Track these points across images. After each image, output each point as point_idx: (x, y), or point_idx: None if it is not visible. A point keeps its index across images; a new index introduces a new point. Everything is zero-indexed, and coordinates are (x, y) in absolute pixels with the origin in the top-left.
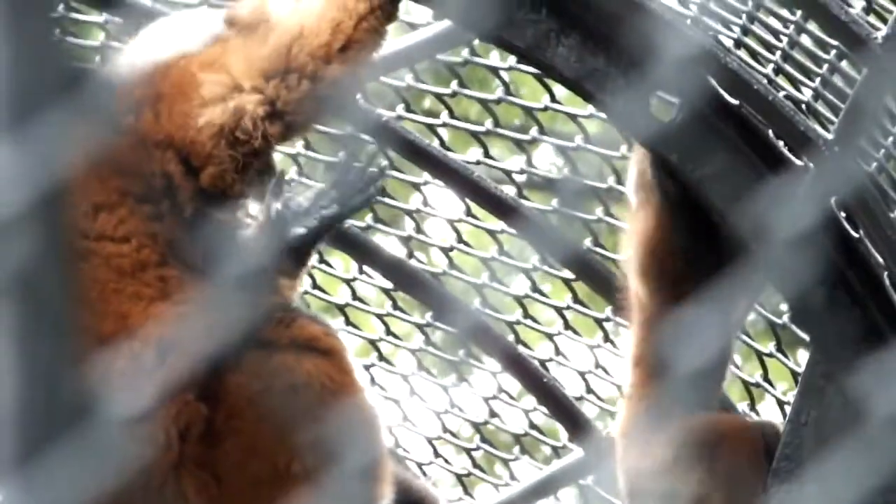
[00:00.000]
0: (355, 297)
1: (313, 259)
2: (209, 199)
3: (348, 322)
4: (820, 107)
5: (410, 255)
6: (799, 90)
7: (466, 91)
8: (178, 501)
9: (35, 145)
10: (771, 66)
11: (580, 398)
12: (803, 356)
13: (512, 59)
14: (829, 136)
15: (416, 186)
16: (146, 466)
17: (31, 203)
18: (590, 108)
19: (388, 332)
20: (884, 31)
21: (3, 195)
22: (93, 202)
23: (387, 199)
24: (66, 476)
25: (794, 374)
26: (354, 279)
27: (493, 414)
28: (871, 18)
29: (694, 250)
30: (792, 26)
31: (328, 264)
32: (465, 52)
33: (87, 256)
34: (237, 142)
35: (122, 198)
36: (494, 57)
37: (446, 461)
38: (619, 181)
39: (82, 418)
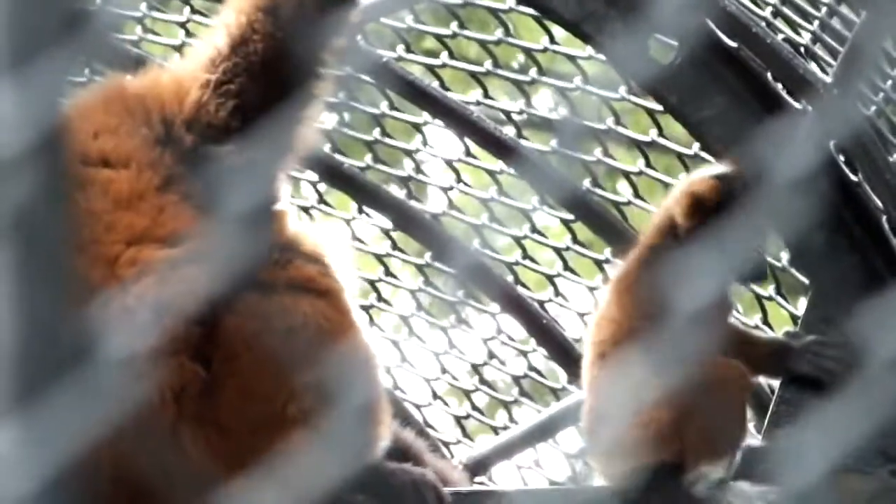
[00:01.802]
0: (354, 237)
1: (313, 198)
2: (204, 132)
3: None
4: (819, 50)
5: (410, 196)
6: (798, 33)
7: (466, 32)
8: (178, 456)
9: (35, 87)
10: (769, 8)
11: (580, 340)
12: (803, 302)
13: (511, 1)
14: (828, 80)
15: (416, 127)
16: (143, 424)
17: (31, 145)
18: (589, 50)
19: (387, 272)
20: None
21: (3, 136)
22: (94, 126)
23: (386, 139)
24: (65, 418)
25: (794, 318)
26: (353, 219)
27: (491, 356)
28: None
29: None
30: None
31: (327, 204)
32: None
33: (84, 185)
34: (210, 62)
35: (123, 122)
36: None
37: (445, 403)
38: (619, 122)
39: (80, 360)
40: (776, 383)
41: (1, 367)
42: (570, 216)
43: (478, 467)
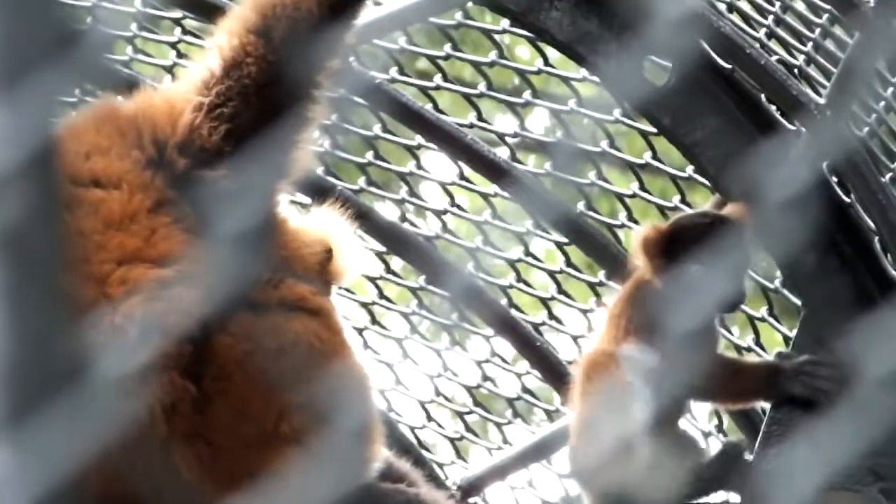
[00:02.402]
0: None
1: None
2: (196, 156)
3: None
4: (812, 71)
5: (404, 219)
6: (791, 54)
7: (460, 54)
8: (169, 473)
9: (26, 106)
10: (764, 30)
11: (573, 362)
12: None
13: (505, 22)
14: (821, 101)
15: (410, 149)
16: (134, 441)
17: (22, 164)
18: (583, 72)
19: (381, 295)
20: None
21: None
22: (85, 146)
23: (380, 162)
24: (57, 437)
25: (787, 339)
26: None
27: (485, 378)
28: None
29: None
30: None
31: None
32: (458, 15)
33: (75, 205)
34: (203, 84)
35: (114, 143)
36: (488, 20)
37: (439, 425)
38: (613, 145)
39: (72, 379)
40: (767, 404)
41: None
42: (565, 239)
43: (471, 488)
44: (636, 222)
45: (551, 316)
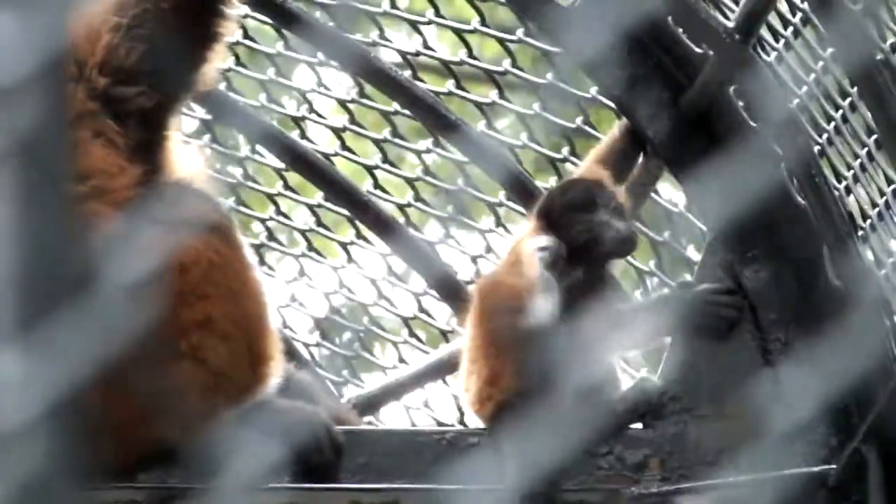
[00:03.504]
0: (247, 176)
1: (206, 138)
2: (115, 74)
3: (240, 202)
4: None
5: (302, 136)
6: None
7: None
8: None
9: (39, 14)
10: None
11: (471, 282)
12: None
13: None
14: (730, 24)
15: (311, 66)
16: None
17: (34, 71)
18: None
19: (279, 211)
20: None
21: (9, 62)
22: None
23: (281, 79)
24: (68, 344)
25: (690, 263)
26: (246, 158)
27: (381, 296)
28: None
29: None
30: None
31: (219, 143)
32: None
33: None
34: (119, 6)
35: None
36: None
37: (333, 343)
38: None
39: (84, 285)
40: None
41: (4, 293)
42: (466, 158)
43: (366, 407)
44: (539, 143)
45: (449, 235)
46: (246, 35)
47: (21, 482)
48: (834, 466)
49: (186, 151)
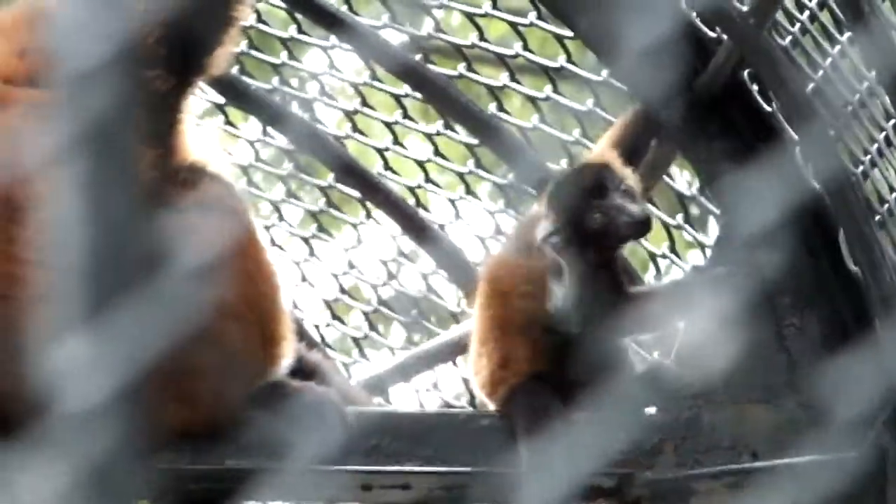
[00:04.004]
0: (258, 158)
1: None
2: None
3: (250, 182)
4: None
5: (313, 118)
6: None
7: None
8: None
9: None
10: None
11: (479, 264)
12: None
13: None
14: (744, 8)
15: (325, 50)
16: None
17: (111, 55)
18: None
19: (289, 193)
20: None
21: (84, 47)
22: (19, 45)
23: (294, 63)
24: (134, 328)
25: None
26: (258, 140)
27: (391, 276)
28: None
29: None
30: None
31: (233, 125)
32: None
33: (9, 105)
34: None
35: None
36: None
37: (343, 323)
38: (526, 48)
39: (154, 271)
40: None
41: (74, 280)
42: (474, 140)
43: (374, 388)
44: (549, 125)
45: (458, 216)
46: (259, 19)
47: (90, 464)
48: (855, 454)
49: (200, 134)
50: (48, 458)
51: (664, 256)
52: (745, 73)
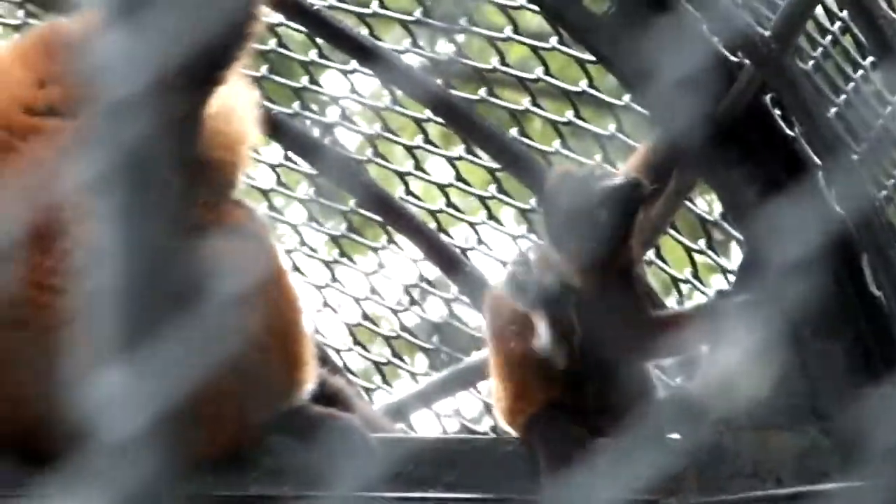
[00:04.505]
0: (279, 182)
1: None
2: None
3: (271, 207)
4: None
5: (334, 143)
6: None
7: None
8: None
9: (151, 29)
10: None
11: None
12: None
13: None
14: (767, 34)
15: (344, 74)
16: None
17: (147, 83)
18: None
19: (311, 217)
20: None
21: (125, 75)
22: (38, 74)
23: (315, 87)
24: (174, 359)
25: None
26: (280, 164)
27: (412, 302)
28: None
29: None
30: None
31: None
32: None
33: (30, 134)
34: None
35: (69, 69)
36: None
37: (364, 348)
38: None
39: (186, 299)
40: None
41: (111, 309)
42: (496, 164)
43: (396, 414)
44: (571, 150)
45: (480, 241)
46: (280, 43)
47: (126, 494)
48: (883, 482)
49: None
50: (85, 487)
51: (686, 281)
52: (768, 97)
